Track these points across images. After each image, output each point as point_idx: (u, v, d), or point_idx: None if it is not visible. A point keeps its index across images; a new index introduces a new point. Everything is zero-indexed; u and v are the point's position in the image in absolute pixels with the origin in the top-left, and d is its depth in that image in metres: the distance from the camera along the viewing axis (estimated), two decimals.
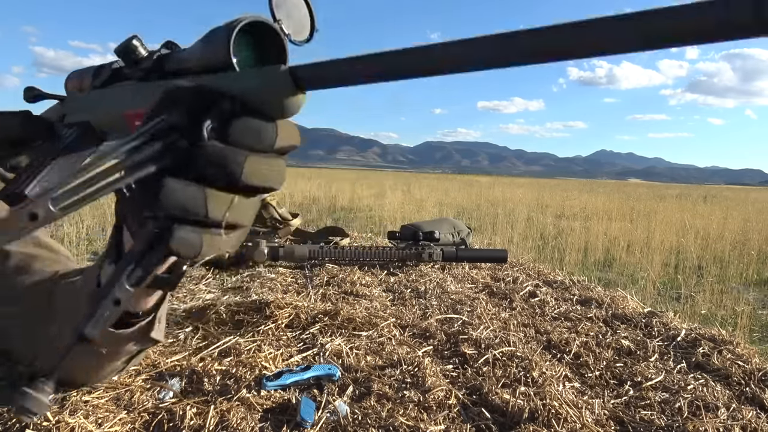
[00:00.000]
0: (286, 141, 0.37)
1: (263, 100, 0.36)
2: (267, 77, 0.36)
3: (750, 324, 3.10)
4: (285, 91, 0.35)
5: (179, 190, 0.35)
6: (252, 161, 0.36)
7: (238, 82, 0.37)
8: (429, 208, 8.48)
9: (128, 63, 0.48)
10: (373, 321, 1.06)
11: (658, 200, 12.82)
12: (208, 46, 0.42)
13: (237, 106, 0.36)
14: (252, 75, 0.37)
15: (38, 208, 0.33)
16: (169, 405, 0.69)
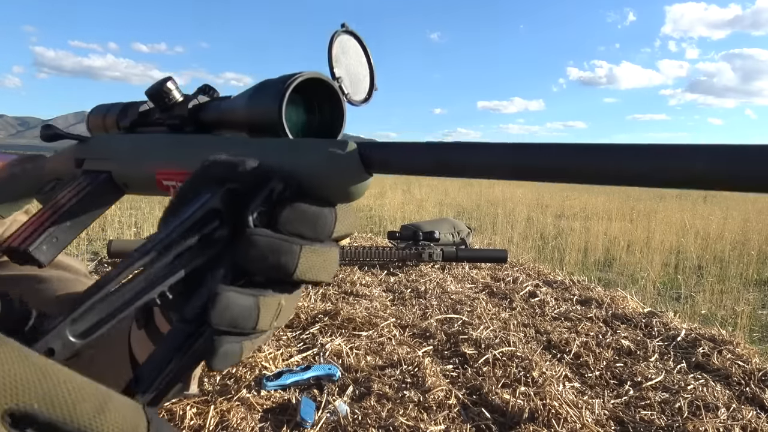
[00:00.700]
0: (344, 230, 0.32)
1: (324, 183, 0.30)
2: (332, 156, 0.29)
3: (750, 324, 3.10)
4: (352, 174, 0.29)
5: (234, 303, 0.29)
6: (307, 254, 0.30)
7: (295, 156, 0.31)
8: (429, 208, 8.48)
9: (160, 107, 0.43)
10: (373, 321, 1.06)
11: (658, 200, 12.82)
12: (256, 100, 0.36)
13: (291, 188, 0.30)
14: (312, 149, 0.31)
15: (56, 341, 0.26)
16: (169, 405, 0.69)
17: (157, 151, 0.43)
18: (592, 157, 0.23)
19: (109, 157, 0.47)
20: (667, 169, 0.21)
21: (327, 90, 0.37)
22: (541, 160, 0.24)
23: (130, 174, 0.45)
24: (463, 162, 0.27)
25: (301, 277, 0.30)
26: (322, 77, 0.37)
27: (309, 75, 0.36)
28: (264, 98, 0.36)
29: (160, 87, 0.42)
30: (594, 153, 0.23)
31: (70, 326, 0.27)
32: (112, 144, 0.48)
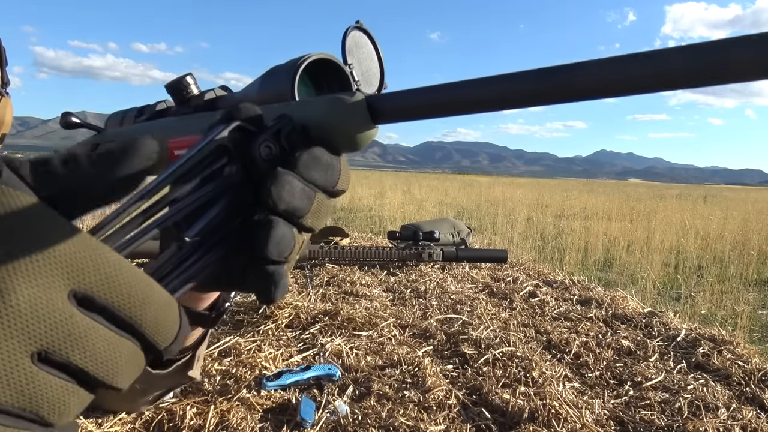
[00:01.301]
0: (343, 184, 0.33)
1: (334, 132, 0.32)
2: (341, 106, 0.31)
3: (750, 324, 3.10)
4: (360, 122, 0.31)
5: (286, 232, 0.30)
6: (319, 200, 0.32)
7: (306, 109, 0.33)
8: (429, 208, 8.48)
9: (178, 100, 0.45)
10: (373, 321, 1.06)
11: (658, 200, 12.82)
12: (268, 81, 0.38)
13: (298, 130, 0.32)
14: (323, 103, 0.33)
15: None
16: (169, 405, 0.69)
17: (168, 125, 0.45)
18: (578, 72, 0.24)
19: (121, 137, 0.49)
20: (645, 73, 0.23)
21: (336, 72, 0.39)
22: (530, 85, 0.26)
23: None
24: (457, 98, 0.28)
25: (309, 222, 0.32)
26: (331, 58, 0.38)
27: (319, 55, 0.37)
28: (275, 81, 0.37)
29: (180, 80, 0.44)
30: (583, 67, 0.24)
31: None
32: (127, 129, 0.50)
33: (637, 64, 0.23)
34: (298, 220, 0.32)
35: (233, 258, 0.32)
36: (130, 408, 0.66)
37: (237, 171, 0.32)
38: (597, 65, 0.24)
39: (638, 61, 0.23)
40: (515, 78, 0.26)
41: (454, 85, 0.29)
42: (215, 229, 0.31)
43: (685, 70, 0.22)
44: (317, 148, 0.32)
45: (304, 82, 0.38)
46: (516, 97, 0.27)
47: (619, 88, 0.24)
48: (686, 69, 0.22)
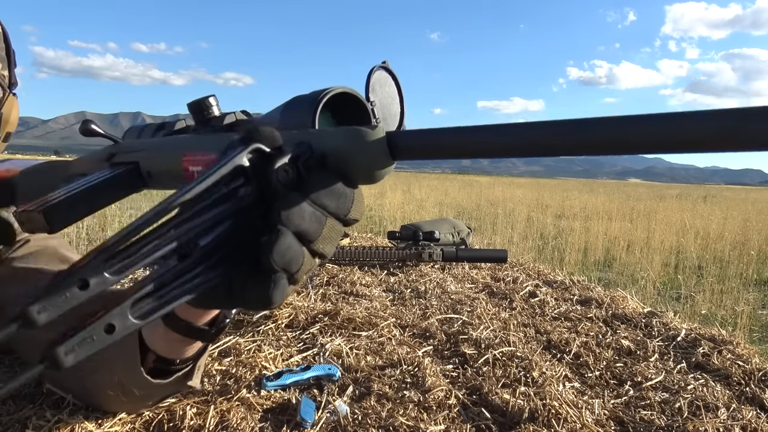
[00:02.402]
0: (355, 214, 0.34)
1: (351, 164, 0.32)
2: (361, 139, 0.31)
3: (750, 324, 3.10)
4: (378, 157, 0.31)
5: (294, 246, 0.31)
6: (329, 226, 0.33)
7: (325, 138, 0.33)
8: (429, 208, 8.48)
9: (199, 119, 0.46)
10: (373, 321, 1.06)
11: (658, 200, 12.82)
12: (290, 111, 0.38)
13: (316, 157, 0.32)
14: (343, 134, 0.33)
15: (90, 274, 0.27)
16: (169, 405, 0.69)
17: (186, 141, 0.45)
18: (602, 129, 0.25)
19: (139, 149, 0.50)
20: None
21: (357, 106, 0.39)
22: (552, 136, 0.26)
23: (157, 161, 0.48)
24: (479, 144, 0.29)
25: (317, 246, 0.33)
26: (353, 92, 0.39)
27: (341, 89, 0.38)
28: (297, 111, 0.38)
29: (202, 100, 0.45)
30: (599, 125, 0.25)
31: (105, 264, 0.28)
32: (144, 141, 0.51)
33: None
34: (309, 243, 0.32)
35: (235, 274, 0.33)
36: (128, 411, 0.67)
37: (251, 192, 0.32)
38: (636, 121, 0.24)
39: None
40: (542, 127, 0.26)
41: (476, 129, 0.29)
42: (220, 246, 0.32)
43: None
44: (332, 177, 0.32)
45: (325, 114, 0.38)
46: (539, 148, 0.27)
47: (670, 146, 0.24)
48: None
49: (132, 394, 0.58)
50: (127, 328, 0.29)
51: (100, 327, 0.28)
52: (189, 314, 0.46)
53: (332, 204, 0.32)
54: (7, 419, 0.65)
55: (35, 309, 0.26)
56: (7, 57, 0.83)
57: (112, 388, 0.58)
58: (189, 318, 0.46)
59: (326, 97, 0.37)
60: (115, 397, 0.60)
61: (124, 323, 0.29)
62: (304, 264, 0.32)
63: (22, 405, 0.68)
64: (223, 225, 0.32)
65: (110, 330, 0.28)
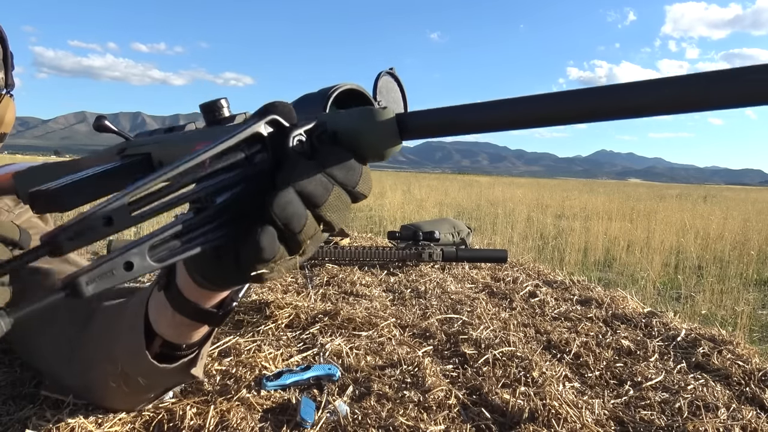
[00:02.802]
0: (364, 187, 0.36)
1: (362, 141, 0.34)
2: (372, 118, 0.34)
3: (750, 324, 3.10)
4: (388, 137, 0.34)
5: (295, 202, 0.33)
6: (336, 193, 0.34)
7: (340, 118, 0.35)
8: (429, 208, 8.48)
9: (210, 119, 0.48)
10: (373, 321, 1.06)
11: (658, 200, 12.82)
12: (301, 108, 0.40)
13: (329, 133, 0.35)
14: (357, 114, 0.35)
15: (135, 257, 0.30)
16: (169, 405, 0.69)
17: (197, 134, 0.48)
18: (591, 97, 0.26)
19: (150, 142, 0.52)
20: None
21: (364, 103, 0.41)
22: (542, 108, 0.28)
23: (169, 150, 0.50)
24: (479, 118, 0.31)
25: (325, 213, 0.34)
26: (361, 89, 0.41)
27: (349, 86, 0.40)
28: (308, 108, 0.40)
29: (214, 102, 0.47)
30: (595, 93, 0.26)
31: (150, 250, 0.31)
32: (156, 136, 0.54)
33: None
34: (314, 208, 0.34)
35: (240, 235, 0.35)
36: (130, 406, 0.67)
37: (267, 159, 0.35)
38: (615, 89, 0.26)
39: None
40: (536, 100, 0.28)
41: (477, 106, 0.31)
42: (233, 206, 0.34)
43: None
44: (343, 151, 0.34)
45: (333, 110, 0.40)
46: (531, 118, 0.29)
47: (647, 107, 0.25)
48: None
49: (135, 384, 0.58)
50: (145, 268, 0.31)
51: (120, 262, 0.30)
52: (197, 296, 0.46)
53: (341, 174, 0.34)
54: (7, 419, 0.65)
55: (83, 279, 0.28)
56: (3, 59, 0.84)
57: (115, 379, 0.58)
58: (197, 299, 0.46)
59: (336, 92, 0.39)
60: (117, 388, 0.60)
61: (143, 263, 0.30)
62: (306, 226, 0.34)
63: (22, 405, 0.68)
64: (238, 187, 0.34)
65: (129, 267, 0.30)
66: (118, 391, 0.60)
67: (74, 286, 0.28)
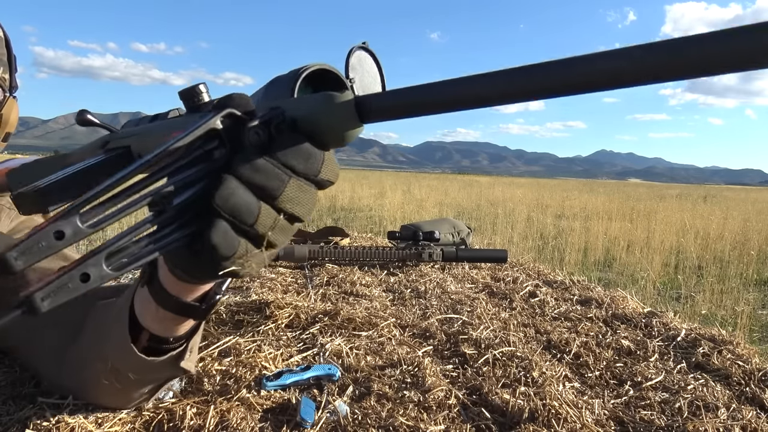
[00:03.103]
0: (327, 174, 0.35)
1: (321, 127, 0.34)
2: (330, 103, 0.33)
3: (750, 324, 3.10)
4: (347, 120, 0.33)
5: (239, 192, 0.33)
6: (293, 184, 0.34)
7: (298, 104, 0.35)
8: (429, 208, 8.48)
9: (189, 106, 0.48)
10: (373, 321, 1.06)
11: (658, 200, 12.82)
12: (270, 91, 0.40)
13: (288, 122, 0.34)
14: (314, 100, 0.34)
15: (65, 225, 0.29)
16: (169, 405, 0.69)
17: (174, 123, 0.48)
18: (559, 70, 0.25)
19: (131, 134, 0.52)
20: None
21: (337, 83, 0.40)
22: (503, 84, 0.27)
23: (147, 142, 0.49)
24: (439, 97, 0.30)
25: (283, 205, 0.34)
26: (331, 68, 0.40)
27: (319, 66, 0.39)
28: (277, 90, 0.39)
29: (192, 88, 0.47)
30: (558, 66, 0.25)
31: (80, 216, 0.30)
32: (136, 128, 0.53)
33: None
34: (271, 200, 0.34)
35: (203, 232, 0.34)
36: (125, 403, 0.66)
37: (225, 154, 0.34)
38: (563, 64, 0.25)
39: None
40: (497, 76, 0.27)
41: (436, 85, 0.30)
42: (193, 205, 0.34)
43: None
44: (300, 137, 0.34)
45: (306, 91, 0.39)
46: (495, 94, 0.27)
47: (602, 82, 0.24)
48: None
49: (126, 380, 0.58)
50: (102, 277, 0.30)
51: (77, 275, 0.30)
52: (178, 289, 0.46)
53: (300, 164, 0.34)
54: (7, 419, 0.65)
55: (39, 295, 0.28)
56: (8, 61, 0.84)
57: (107, 376, 0.58)
58: (179, 294, 0.46)
59: (305, 73, 0.38)
60: (110, 386, 0.60)
61: (99, 272, 0.30)
62: (261, 217, 0.34)
63: (22, 405, 0.68)
64: (198, 185, 0.34)
65: (85, 279, 0.30)
66: (111, 388, 0.61)
67: (30, 303, 0.28)
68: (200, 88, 0.46)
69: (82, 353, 0.62)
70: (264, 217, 0.34)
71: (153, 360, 0.54)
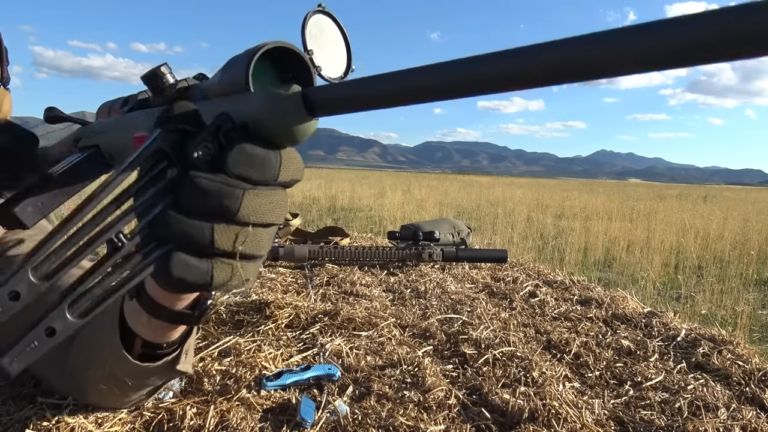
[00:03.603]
0: (289, 174, 0.33)
1: (271, 126, 0.32)
2: (275, 100, 0.31)
3: (750, 324, 3.10)
4: (295, 115, 0.31)
5: (183, 221, 0.31)
6: (250, 197, 0.32)
7: (245, 104, 0.33)
8: (429, 208, 8.48)
9: (154, 91, 0.45)
10: (373, 321, 1.06)
11: (658, 200, 12.82)
12: (227, 71, 0.38)
13: (237, 128, 0.32)
14: (259, 97, 0.32)
15: (19, 284, 0.28)
16: (169, 405, 0.69)
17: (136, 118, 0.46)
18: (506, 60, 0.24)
19: (100, 132, 0.50)
20: None
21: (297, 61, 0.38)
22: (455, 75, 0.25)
23: (114, 142, 0.48)
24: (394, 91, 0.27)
25: (245, 219, 0.32)
26: (288, 46, 0.37)
27: (275, 44, 0.36)
28: (232, 71, 0.37)
29: (154, 71, 0.44)
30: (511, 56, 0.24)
31: (33, 271, 0.28)
32: (103, 122, 0.51)
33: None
34: (230, 218, 0.32)
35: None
36: (124, 404, 0.66)
37: (177, 173, 0.32)
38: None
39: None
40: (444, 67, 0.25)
41: (391, 75, 0.28)
42: (152, 234, 0.32)
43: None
44: (248, 145, 0.32)
45: (267, 71, 0.37)
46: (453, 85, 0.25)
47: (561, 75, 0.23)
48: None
49: (124, 385, 0.58)
50: (68, 327, 0.29)
51: (41, 331, 0.29)
52: (169, 300, 0.45)
53: (255, 173, 0.32)
54: (7, 419, 0.65)
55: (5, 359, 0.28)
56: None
57: (105, 381, 0.58)
58: (170, 304, 0.45)
59: (258, 53, 0.36)
60: (108, 390, 0.60)
61: (65, 323, 0.29)
62: (217, 238, 0.32)
63: (22, 405, 0.68)
64: (153, 210, 0.32)
65: (51, 333, 0.29)
66: (110, 393, 0.60)
67: (1, 369, 0.28)
68: (162, 71, 0.44)
69: (78, 359, 0.62)
70: (221, 236, 0.32)
71: (148, 366, 0.53)
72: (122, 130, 0.47)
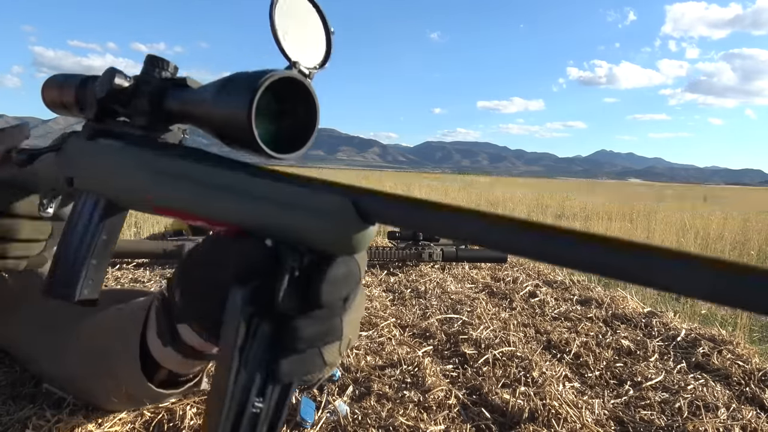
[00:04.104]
0: (364, 266, 0.33)
1: (336, 242, 0.30)
2: (332, 216, 0.29)
3: (750, 324, 3.09)
4: (353, 228, 0.30)
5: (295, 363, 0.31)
6: (347, 315, 0.32)
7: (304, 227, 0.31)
8: None
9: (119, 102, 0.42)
10: (373, 321, 1.06)
11: (658, 200, 12.81)
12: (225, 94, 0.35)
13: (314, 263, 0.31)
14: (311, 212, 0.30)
15: None
16: (169, 405, 0.69)
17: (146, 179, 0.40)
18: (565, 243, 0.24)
19: (98, 178, 0.44)
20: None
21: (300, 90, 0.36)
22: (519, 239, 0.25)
23: (126, 201, 0.44)
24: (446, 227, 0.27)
25: (347, 333, 0.33)
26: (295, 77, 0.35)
27: (281, 75, 0.34)
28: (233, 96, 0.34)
29: (109, 86, 0.40)
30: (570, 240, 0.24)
31: None
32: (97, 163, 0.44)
33: None
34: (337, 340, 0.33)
35: None
36: (131, 408, 0.66)
37: (270, 328, 0.31)
38: None
39: None
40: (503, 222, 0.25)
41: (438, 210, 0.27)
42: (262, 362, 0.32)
43: None
44: (330, 273, 0.30)
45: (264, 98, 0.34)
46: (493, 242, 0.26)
47: None
48: None
49: (140, 403, 0.59)
50: None
51: None
52: (204, 347, 0.44)
53: (344, 290, 0.31)
54: (7, 419, 0.65)
55: None
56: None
57: (118, 396, 0.57)
58: (207, 349, 0.45)
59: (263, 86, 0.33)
60: (119, 403, 0.60)
61: None
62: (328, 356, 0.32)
63: (22, 405, 0.68)
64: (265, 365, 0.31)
65: None
66: (121, 404, 0.61)
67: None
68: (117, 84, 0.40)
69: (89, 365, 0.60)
70: (330, 355, 0.33)
71: (171, 392, 0.53)
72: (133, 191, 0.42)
